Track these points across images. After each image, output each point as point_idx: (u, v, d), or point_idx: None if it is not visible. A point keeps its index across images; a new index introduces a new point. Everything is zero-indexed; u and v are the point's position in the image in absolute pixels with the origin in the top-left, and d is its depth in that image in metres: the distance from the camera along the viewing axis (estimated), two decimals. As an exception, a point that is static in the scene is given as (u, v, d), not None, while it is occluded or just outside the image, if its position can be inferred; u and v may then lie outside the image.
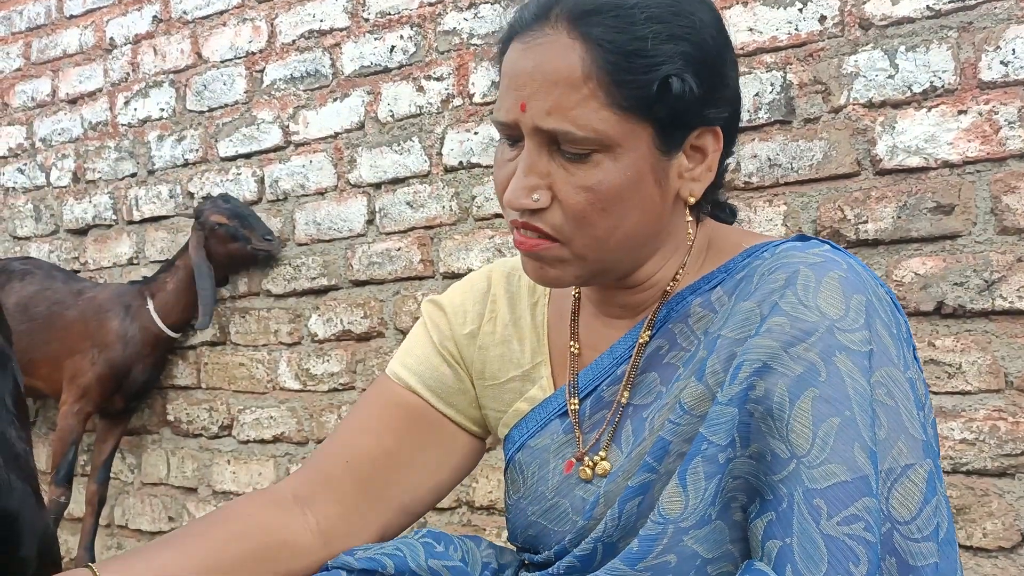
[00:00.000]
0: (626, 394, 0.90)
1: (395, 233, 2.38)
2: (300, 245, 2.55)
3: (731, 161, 0.95)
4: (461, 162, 2.27)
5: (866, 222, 1.78)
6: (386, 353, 2.37)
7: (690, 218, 0.90)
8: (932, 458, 0.77)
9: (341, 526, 0.94)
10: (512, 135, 0.85)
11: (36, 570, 0.91)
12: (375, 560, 0.89)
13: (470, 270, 2.21)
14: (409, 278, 2.36)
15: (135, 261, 2.93)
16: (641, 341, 0.91)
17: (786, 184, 1.87)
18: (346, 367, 2.46)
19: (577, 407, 0.94)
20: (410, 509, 1.00)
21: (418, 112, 2.34)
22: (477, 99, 2.26)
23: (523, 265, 0.90)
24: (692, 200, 0.88)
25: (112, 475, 2.95)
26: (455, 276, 2.25)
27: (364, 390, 2.40)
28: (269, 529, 0.91)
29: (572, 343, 0.97)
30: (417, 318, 2.24)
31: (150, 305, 2.64)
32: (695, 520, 0.78)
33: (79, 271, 3.03)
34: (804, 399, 0.75)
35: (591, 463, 0.91)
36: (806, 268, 0.80)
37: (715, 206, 0.98)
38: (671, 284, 0.92)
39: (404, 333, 2.34)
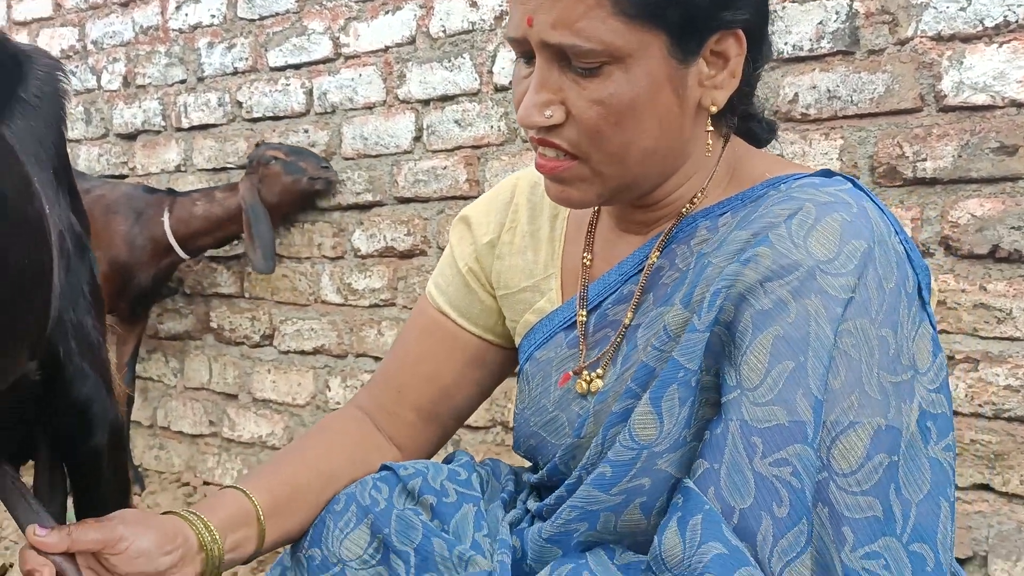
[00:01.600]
0: (630, 315, 0.90)
1: (442, 151, 2.37)
2: (346, 160, 2.55)
3: (764, 67, 0.91)
4: (511, 82, 2.24)
5: (925, 160, 1.73)
6: (427, 271, 2.39)
7: (711, 128, 0.87)
8: (888, 416, 0.75)
9: (407, 442, 1.05)
10: (524, 51, 0.84)
11: (108, 459, 0.95)
12: (401, 463, 0.97)
13: (515, 192, 2.20)
14: (454, 197, 2.35)
15: (182, 168, 2.95)
16: (650, 261, 0.90)
17: (844, 117, 1.82)
18: (387, 283, 2.48)
19: (585, 319, 0.95)
20: (462, 416, 1.09)
21: (470, 28, 2.30)
22: (531, 17, 2.22)
23: (546, 188, 0.90)
24: (714, 109, 0.85)
25: (155, 378, 3.03)
26: (500, 197, 2.24)
27: (405, 307, 2.43)
28: (362, 439, 1.03)
29: (585, 254, 0.97)
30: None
31: (166, 218, 2.61)
32: (669, 444, 0.79)
33: (127, 176, 3.07)
34: (766, 335, 0.75)
35: (587, 379, 0.92)
36: (811, 205, 0.78)
37: (747, 119, 0.94)
38: (687, 206, 0.90)
39: (446, 252, 2.35)
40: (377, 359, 2.49)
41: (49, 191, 0.81)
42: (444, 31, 2.35)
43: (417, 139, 2.41)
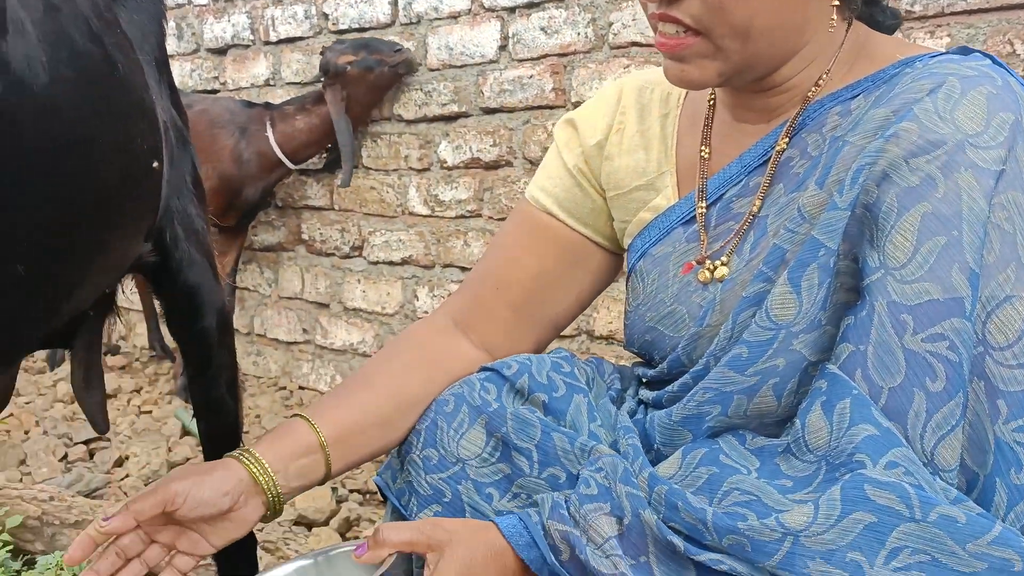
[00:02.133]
0: (758, 203, 0.89)
1: (527, 60, 2.34)
2: (432, 71, 2.54)
3: None
4: (599, -14, 2.19)
5: (1038, 58, 1.64)
6: (514, 182, 2.39)
7: (835, 14, 0.85)
8: None
9: (500, 342, 1.04)
10: None
11: (217, 340, 0.99)
12: (503, 363, 0.97)
13: (602, 100, 2.16)
14: (540, 107, 2.33)
15: (271, 83, 2.99)
16: (779, 148, 0.89)
17: (951, 14, 1.73)
18: (473, 194, 2.49)
19: (705, 211, 0.93)
20: (558, 323, 1.07)
21: (557, -69, 2.25)
22: (620, -83, 2.15)
23: (664, 70, 0.88)
24: None
25: (251, 288, 3.13)
26: (586, 106, 2.21)
27: (491, 218, 2.44)
28: (440, 352, 1.02)
29: (703, 148, 0.96)
30: (547, 148, 2.23)
31: (269, 132, 2.66)
32: (806, 324, 0.79)
33: (218, 91, 3.13)
34: (913, 213, 0.74)
35: (711, 267, 0.91)
36: (955, 79, 0.77)
37: (870, 3, 0.91)
38: (812, 90, 0.88)
39: (533, 163, 2.34)
40: (464, 269, 2.52)
41: (154, 83, 0.83)
42: (530, -65, 2.29)
43: (503, 48, 2.38)
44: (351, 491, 2.24)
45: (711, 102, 0.98)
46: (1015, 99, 0.76)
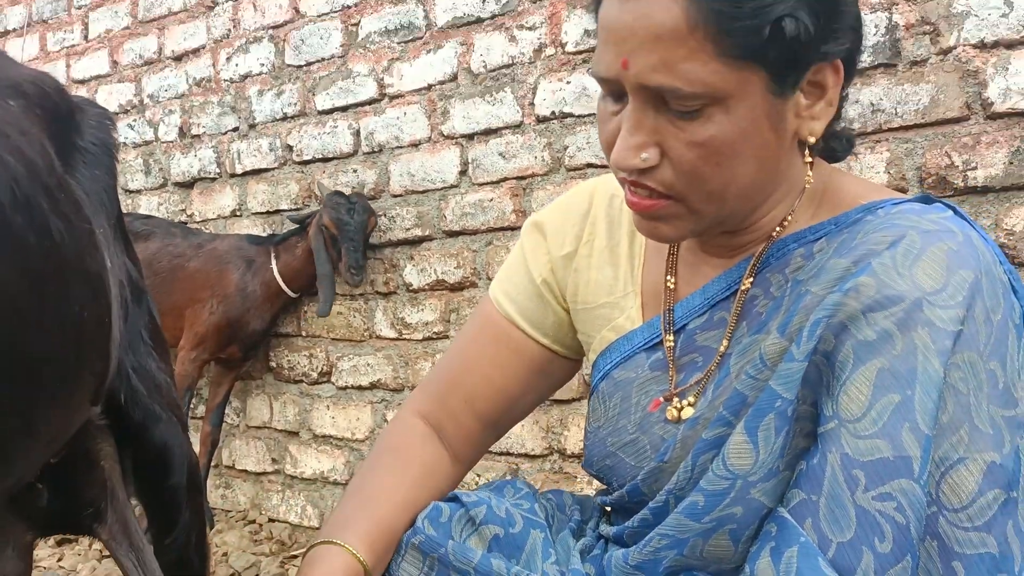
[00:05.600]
0: (725, 343, 0.88)
1: (487, 184, 2.40)
2: (395, 196, 2.59)
3: (850, 90, 0.89)
4: (554, 112, 2.27)
5: (975, 168, 1.71)
6: (477, 303, 2.40)
7: (809, 160, 0.85)
8: (1003, 452, 0.73)
9: (464, 448, 1.04)
10: (614, 91, 0.82)
11: (187, 498, 0.97)
12: (464, 493, 0.96)
13: (562, 220, 2.21)
14: (501, 228, 2.37)
15: (238, 213, 3.03)
16: (743, 287, 0.89)
17: (890, 130, 1.80)
18: (440, 316, 2.50)
19: (673, 343, 0.93)
20: (515, 422, 1.09)
21: (510, 62, 2.34)
22: (570, 48, 2.25)
23: (635, 224, 0.88)
24: (812, 140, 0.83)
25: (219, 418, 3.08)
26: (547, 226, 2.25)
27: (457, 339, 2.44)
28: (432, 463, 1.02)
29: (668, 277, 0.95)
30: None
31: (274, 264, 2.72)
32: (763, 473, 0.78)
33: (186, 223, 3.15)
34: (869, 366, 0.73)
35: (679, 406, 0.90)
36: (915, 233, 0.76)
37: (829, 137, 0.91)
38: (777, 229, 0.88)
39: (496, 283, 2.37)
40: (433, 392, 2.51)
41: (109, 240, 0.83)
42: (485, 66, 2.39)
43: (463, 173, 2.44)
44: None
45: None
46: (975, 255, 0.76)
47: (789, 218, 0.88)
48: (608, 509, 0.98)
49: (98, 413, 0.80)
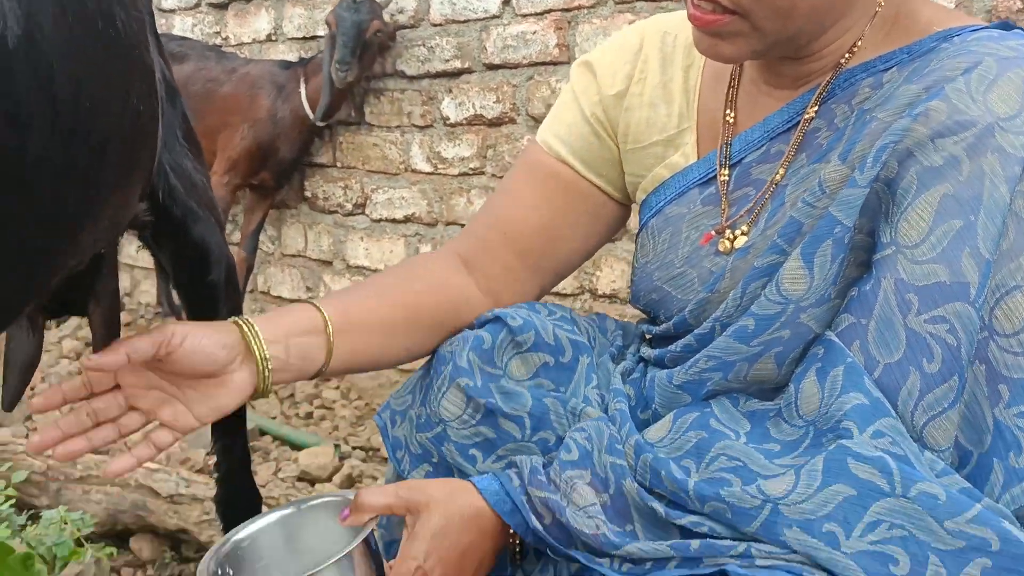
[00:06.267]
0: (781, 171, 0.87)
1: (531, 15, 2.30)
2: (435, 26, 2.51)
3: None
4: (605, -62, 2.15)
5: (1050, 14, 1.61)
6: (517, 139, 2.37)
7: None
8: None
9: (503, 288, 1.02)
10: None
11: (224, 295, 0.99)
12: (508, 312, 0.96)
13: (607, 56, 2.13)
14: (543, 63, 2.30)
15: (273, 38, 2.96)
16: (807, 116, 0.86)
17: (963, -31, 1.69)
18: (477, 152, 2.47)
19: (727, 178, 0.92)
20: (562, 272, 1.06)
21: None
22: None
23: (695, 41, 0.85)
24: None
25: (255, 245, 3.12)
26: (591, 62, 2.18)
27: (494, 175, 2.42)
28: (451, 286, 1.00)
29: (727, 111, 0.93)
30: (550, 105, 2.21)
31: (303, 89, 2.69)
32: (815, 299, 0.79)
33: (220, 46, 3.09)
34: (933, 192, 0.73)
35: (731, 236, 0.90)
36: (992, 59, 0.75)
37: None
38: (845, 57, 0.85)
39: (536, 120, 2.32)
40: (466, 228, 2.51)
41: (152, 38, 0.82)
42: None
43: (506, 3, 2.35)
44: (354, 448, 2.25)
45: None
46: None
47: (859, 44, 0.85)
48: (649, 336, 0.99)
49: (144, 209, 0.80)
